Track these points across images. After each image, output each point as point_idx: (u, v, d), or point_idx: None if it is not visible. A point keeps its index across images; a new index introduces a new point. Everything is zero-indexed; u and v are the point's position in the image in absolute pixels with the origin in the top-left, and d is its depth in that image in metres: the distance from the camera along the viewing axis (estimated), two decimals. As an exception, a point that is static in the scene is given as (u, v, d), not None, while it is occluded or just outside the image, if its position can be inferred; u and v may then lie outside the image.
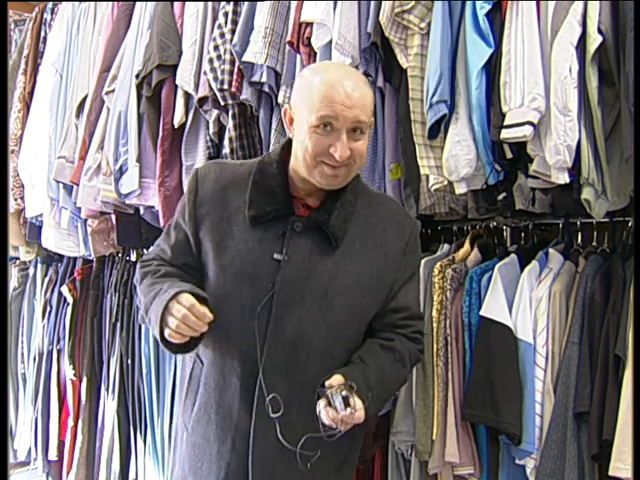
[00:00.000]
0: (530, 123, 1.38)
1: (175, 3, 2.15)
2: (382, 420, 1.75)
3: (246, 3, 1.93)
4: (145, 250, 2.54)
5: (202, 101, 1.99)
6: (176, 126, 2.06)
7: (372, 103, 1.21)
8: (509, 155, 1.48)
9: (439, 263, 1.71)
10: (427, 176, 1.63)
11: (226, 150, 1.94)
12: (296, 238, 1.22)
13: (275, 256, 1.21)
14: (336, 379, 1.14)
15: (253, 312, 1.21)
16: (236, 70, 1.89)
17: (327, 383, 1.14)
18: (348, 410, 1.09)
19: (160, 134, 2.08)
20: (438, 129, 1.56)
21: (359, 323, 1.29)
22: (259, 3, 1.88)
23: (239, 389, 1.24)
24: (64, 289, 2.78)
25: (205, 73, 1.96)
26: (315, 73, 1.19)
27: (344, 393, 1.11)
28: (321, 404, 1.12)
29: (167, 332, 1.14)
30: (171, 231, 1.34)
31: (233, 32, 1.92)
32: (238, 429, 1.25)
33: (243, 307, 1.22)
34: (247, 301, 1.22)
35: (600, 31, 1.32)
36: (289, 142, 1.26)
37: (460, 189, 1.56)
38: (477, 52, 1.46)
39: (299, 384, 1.22)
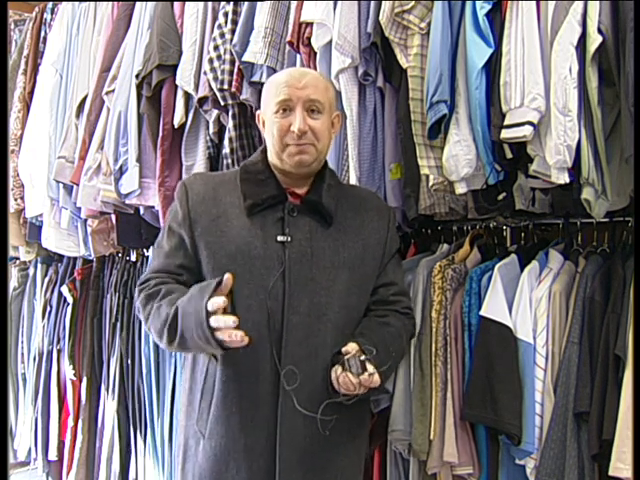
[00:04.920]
0: (530, 123, 1.38)
1: (175, 3, 2.15)
2: (380, 418, 1.74)
3: (246, 3, 1.92)
4: (145, 250, 2.54)
5: (202, 101, 1.99)
6: (176, 126, 2.06)
7: (329, 90, 1.34)
8: (509, 155, 1.48)
9: (439, 263, 1.70)
10: (427, 176, 1.63)
11: (226, 150, 1.94)
12: (294, 221, 1.30)
13: (279, 238, 1.29)
14: (352, 346, 1.21)
15: (267, 292, 1.26)
16: (236, 70, 1.89)
17: (343, 350, 1.21)
18: (366, 374, 1.15)
19: (160, 134, 2.08)
20: (438, 129, 1.55)
21: (363, 292, 1.38)
22: (259, 3, 1.88)
23: (262, 372, 1.26)
24: (64, 289, 2.78)
25: (205, 73, 1.96)
26: (274, 76, 1.37)
27: (362, 358, 1.17)
28: (338, 370, 1.18)
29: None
30: (163, 242, 1.38)
31: (233, 32, 1.92)
32: (266, 416, 1.26)
33: (257, 290, 1.26)
34: (260, 282, 1.26)
35: (600, 31, 1.32)
36: (266, 147, 1.37)
37: (460, 189, 1.56)
38: (477, 52, 1.46)
39: (321, 357, 1.26)
